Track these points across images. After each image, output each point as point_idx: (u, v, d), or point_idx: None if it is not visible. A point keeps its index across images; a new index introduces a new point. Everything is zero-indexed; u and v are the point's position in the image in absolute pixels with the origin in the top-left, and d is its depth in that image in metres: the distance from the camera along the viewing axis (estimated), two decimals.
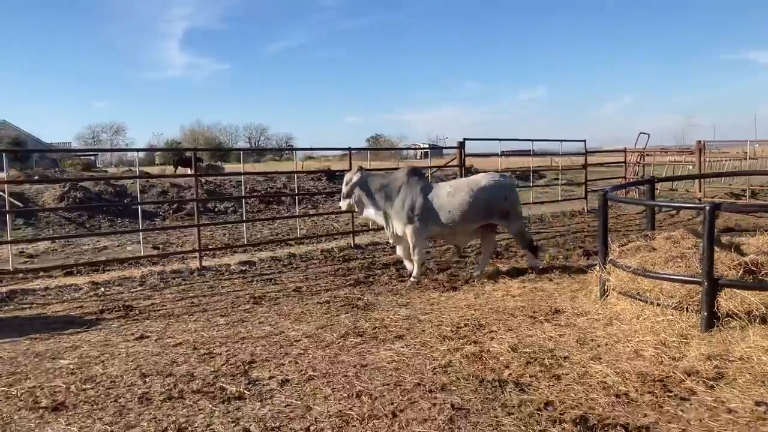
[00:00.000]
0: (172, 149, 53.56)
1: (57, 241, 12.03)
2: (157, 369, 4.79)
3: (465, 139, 13.16)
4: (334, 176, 22.17)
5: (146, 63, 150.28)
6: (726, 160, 23.00)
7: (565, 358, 4.78)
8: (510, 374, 4.48)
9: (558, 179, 20.09)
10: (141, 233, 11.05)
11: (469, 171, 13.19)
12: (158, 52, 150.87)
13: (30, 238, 12.14)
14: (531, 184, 17.70)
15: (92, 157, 53.86)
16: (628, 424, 3.59)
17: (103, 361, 5.02)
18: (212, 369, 4.78)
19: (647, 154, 20.59)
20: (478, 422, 3.72)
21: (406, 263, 8.21)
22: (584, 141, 17.15)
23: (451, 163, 13.81)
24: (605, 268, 6.00)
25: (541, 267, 8.25)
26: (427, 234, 7.95)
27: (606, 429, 3.54)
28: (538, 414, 3.81)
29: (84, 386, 4.44)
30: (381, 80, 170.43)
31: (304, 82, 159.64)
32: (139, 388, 4.39)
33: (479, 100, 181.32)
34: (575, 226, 14.24)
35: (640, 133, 21.08)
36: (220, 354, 5.15)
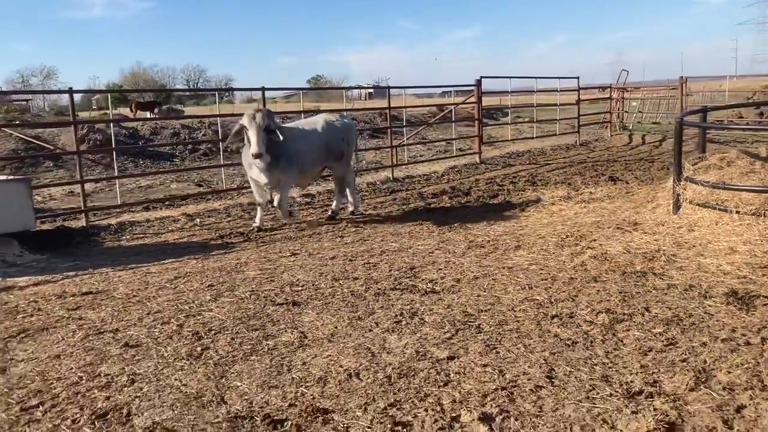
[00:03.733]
0: (141, 90, 51.93)
1: (100, 182, 12.37)
2: (339, 275, 5.59)
3: (482, 77, 13.95)
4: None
5: (64, 1, 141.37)
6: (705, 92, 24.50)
7: (674, 255, 5.82)
8: (641, 268, 5.47)
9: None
10: (173, 173, 11.54)
11: (498, 109, 14.07)
12: None
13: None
14: (535, 120, 18.67)
15: (24, 102, 51.67)
16: None
17: (284, 272, 5.77)
18: (386, 274, 5.60)
19: (626, 90, 21.86)
20: (645, 300, 4.70)
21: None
22: (577, 78, 18.18)
23: (469, 100, 14.58)
24: (680, 183, 7.03)
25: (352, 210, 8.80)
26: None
27: (752, 299, 4.59)
28: (687, 293, 4.82)
29: (294, 289, 5.22)
30: (314, 16, 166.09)
31: (234, 18, 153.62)
32: (340, 289, 5.19)
33: (415, 41, 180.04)
34: (576, 158, 15.37)
35: (622, 70, 22.30)
36: (379, 263, 5.98)
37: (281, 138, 7.16)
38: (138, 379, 3.54)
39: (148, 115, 32.68)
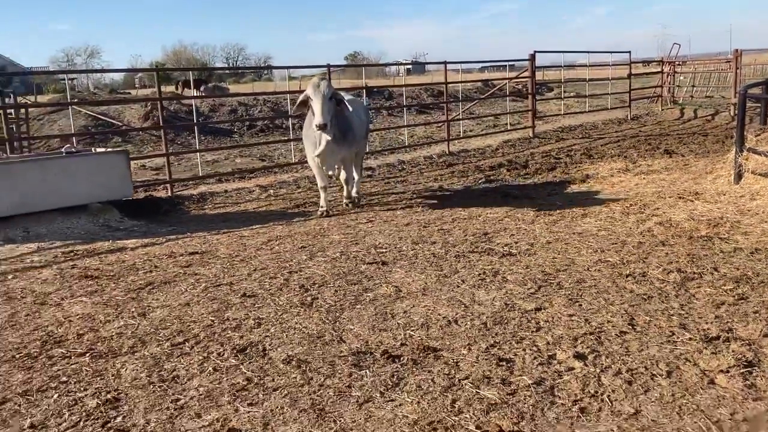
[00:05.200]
0: (190, 68, 52.78)
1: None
2: (418, 239, 6.01)
3: (536, 52, 14.11)
4: (372, 92, 23.06)
5: None
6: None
7: (738, 222, 6.08)
8: (707, 233, 5.76)
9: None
10: (237, 149, 12.07)
11: (542, 84, 14.25)
12: None
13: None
14: (587, 94, 18.70)
15: (70, 81, 52.95)
16: None
17: (365, 236, 6.23)
18: (461, 239, 6.01)
19: (678, 64, 21.64)
20: (713, 261, 5.01)
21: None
22: (629, 52, 18.13)
23: (522, 75, 14.76)
24: (742, 154, 7.24)
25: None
26: None
27: None
28: (753, 255, 5.10)
29: (379, 251, 5.66)
30: None
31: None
32: (421, 251, 5.62)
33: (451, 15, 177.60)
34: (628, 132, 15.43)
35: (674, 43, 22.08)
36: (453, 230, 6.38)
37: (350, 109, 6.83)
38: (263, 322, 4.04)
39: (194, 92, 33.38)
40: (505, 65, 20.13)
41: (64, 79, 49.62)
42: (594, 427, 2.72)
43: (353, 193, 7.83)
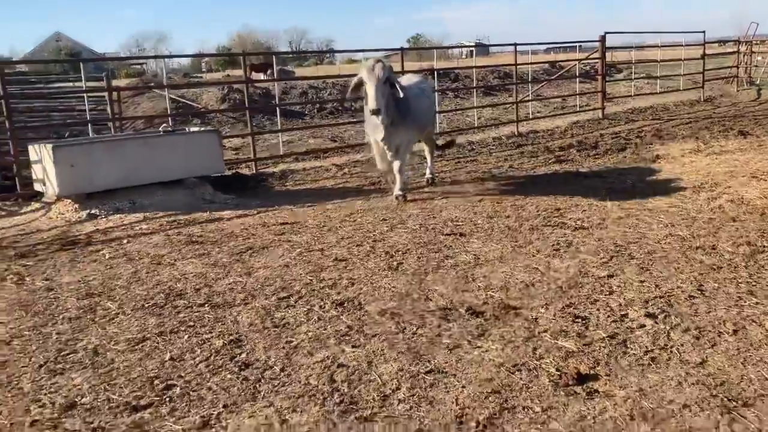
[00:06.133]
0: (253, 53, 54.05)
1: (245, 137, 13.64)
2: (492, 213, 6.34)
3: (606, 33, 14.06)
4: (438, 74, 23.23)
5: None
6: None
7: None
8: None
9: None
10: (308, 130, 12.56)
11: (611, 66, 14.20)
12: None
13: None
14: (659, 75, 18.44)
15: (139, 66, 54.92)
16: None
17: (441, 211, 6.59)
18: (534, 213, 6.30)
19: (756, 43, 20.97)
20: None
21: None
22: (703, 32, 17.72)
23: (593, 56, 14.73)
24: None
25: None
26: None
27: None
28: None
29: (455, 223, 6.03)
30: None
31: None
32: (496, 224, 5.94)
33: None
34: (701, 113, 15.19)
35: (751, 22, 21.39)
36: (525, 205, 6.67)
37: (401, 94, 6.46)
38: (355, 282, 4.49)
39: (261, 76, 34.28)
40: (573, 46, 19.99)
41: (135, 64, 51.96)
42: (664, 373, 3.03)
43: (428, 174, 8.08)
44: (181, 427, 2.76)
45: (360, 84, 6.52)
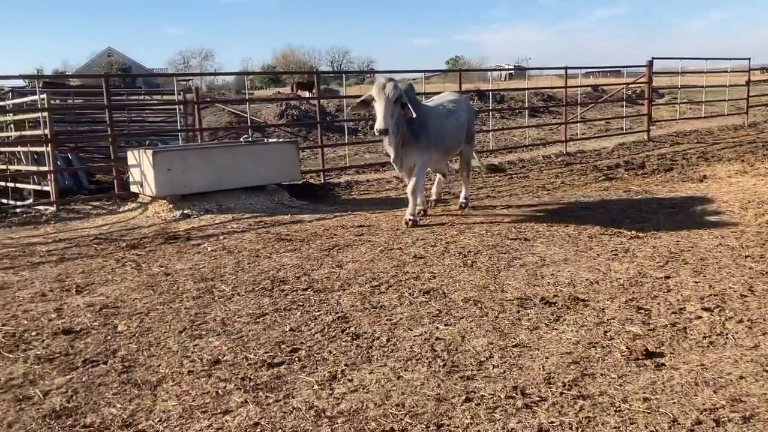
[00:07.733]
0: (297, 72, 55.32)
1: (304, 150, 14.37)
2: (552, 222, 6.86)
3: (654, 58, 14.49)
4: (483, 95, 23.84)
5: None
6: None
7: None
8: None
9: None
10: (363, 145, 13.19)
11: (655, 90, 14.63)
12: None
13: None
14: (704, 100, 18.72)
15: (185, 83, 56.57)
16: None
17: (503, 219, 7.14)
18: (590, 223, 6.80)
19: None
20: None
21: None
22: (749, 59, 17.99)
23: (640, 80, 15.17)
24: None
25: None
26: None
27: None
28: None
29: (519, 229, 6.56)
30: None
31: (370, 4, 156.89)
32: (557, 232, 6.45)
33: (555, 19, 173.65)
34: (745, 138, 15.44)
35: None
36: (581, 216, 7.17)
37: (413, 115, 6.27)
38: (436, 275, 5.06)
39: (307, 94, 35.27)
40: (617, 71, 20.39)
41: (182, 80, 53.81)
42: (721, 353, 3.53)
43: (462, 197, 7.75)
44: (314, 379, 3.35)
45: (368, 101, 6.45)
